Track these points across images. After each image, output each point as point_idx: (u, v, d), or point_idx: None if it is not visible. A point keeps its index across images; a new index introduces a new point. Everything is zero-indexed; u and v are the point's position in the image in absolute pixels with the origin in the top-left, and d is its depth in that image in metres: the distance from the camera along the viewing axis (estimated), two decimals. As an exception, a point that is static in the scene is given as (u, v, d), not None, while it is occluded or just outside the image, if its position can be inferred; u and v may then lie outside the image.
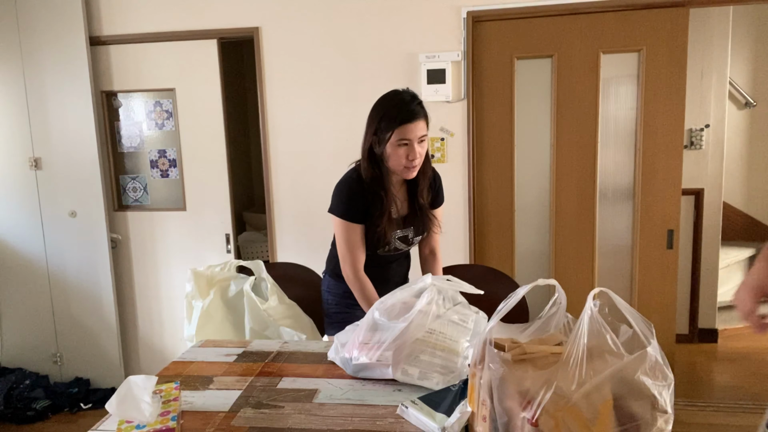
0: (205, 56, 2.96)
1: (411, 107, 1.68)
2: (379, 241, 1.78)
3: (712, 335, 3.63)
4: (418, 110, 1.69)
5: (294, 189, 2.98)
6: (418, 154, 1.69)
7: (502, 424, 0.97)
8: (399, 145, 1.69)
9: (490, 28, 2.76)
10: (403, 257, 2.00)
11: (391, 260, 1.94)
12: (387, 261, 1.93)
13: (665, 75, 2.67)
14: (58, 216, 3.10)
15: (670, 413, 0.94)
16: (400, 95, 1.73)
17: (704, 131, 3.51)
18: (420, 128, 1.69)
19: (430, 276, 1.44)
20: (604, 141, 2.79)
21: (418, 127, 1.68)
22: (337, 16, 2.83)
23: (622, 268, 2.87)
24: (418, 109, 1.69)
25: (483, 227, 2.90)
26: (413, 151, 1.69)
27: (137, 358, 3.29)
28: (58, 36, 2.94)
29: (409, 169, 1.72)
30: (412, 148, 1.69)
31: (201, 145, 3.05)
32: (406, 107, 1.68)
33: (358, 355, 1.37)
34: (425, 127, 1.71)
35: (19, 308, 3.22)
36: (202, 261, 3.13)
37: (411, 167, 1.72)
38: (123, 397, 1.13)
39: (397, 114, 1.67)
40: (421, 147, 1.71)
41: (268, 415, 1.23)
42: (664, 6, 2.62)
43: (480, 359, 1.03)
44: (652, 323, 1.00)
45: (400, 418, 1.19)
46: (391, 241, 1.81)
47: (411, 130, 1.67)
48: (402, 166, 1.72)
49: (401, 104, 1.69)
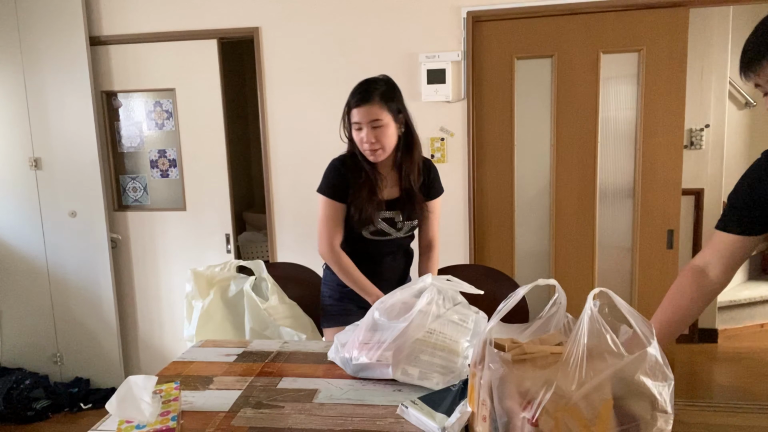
0: (205, 56, 2.96)
1: (363, 90, 1.72)
2: (361, 218, 1.80)
3: (712, 335, 3.63)
4: (370, 95, 1.71)
5: (294, 189, 2.98)
6: (373, 137, 1.72)
7: (502, 424, 0.97)
8: (355, 129, 1.76)
9: (490, 28, 2.76)
10: (398, 251, 1.97)
11: (384, 251, 1.92)
12: (378, 251, 1.90)
13: (665, 75, 2.67)
14: (58, 216, 3.10)
15: (670, 413, 0.94)
16: (366, 79, 1.77)
17: (704, 131, 3.51)
18: (371, 112, 1.71)
19: (430, 276, 1.44)
20: (604, 141, 2.79)
21: (370, 111, 1.71)
22: (337, 16, 2.83)
23: (622, 268, 2.87)
24: (370, 94, 1.71)
25: (483, 227, 2.90)
26: (366, 135, 1.73)
27: (137, 358, 3.29)
28: (58, 36, 2.94)
29: (370, 152, 1.75)
30: (365, 132, 1.73)
31: (201, 145, 3.05)
32: (359, 90, 1.74)
33: (358, 355, 1.37)
34: (379, 111, 1.72)
35: (19, 308, 3.22)
36: (202, 261, 3.12)
37: (369, 150, 1.75)
38: (123, 397, 1.13)
39: (352, 96, 1.75)
40: (379, 132, 1.73)
41: (268, 415, 1.23)
42: (664, 6, 2.62)
43: (480, 359, 1.03)
44: (652, 323, 1.00)
45: (400, 418, 1.19)
46: (374, 220, 1.81)
47: (361, 114, 1.72)
48: (363, 150, 1.77)
49: (357, 88, 1.75)
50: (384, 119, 1.73)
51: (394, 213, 1.85)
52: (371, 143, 1.73)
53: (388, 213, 1.84)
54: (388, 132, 1.75)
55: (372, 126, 1.72)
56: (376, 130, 1.73)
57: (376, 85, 1.74)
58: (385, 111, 1.73)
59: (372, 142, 1.73)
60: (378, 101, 1.72)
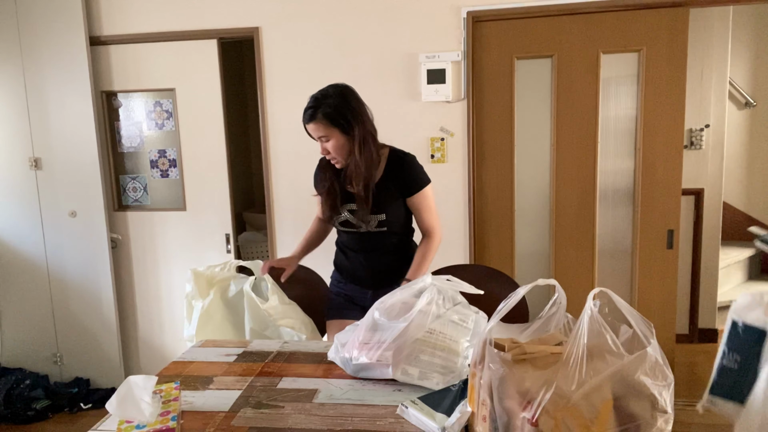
0: (205, 56, 2.96)
1: (309, 108, 1.84)
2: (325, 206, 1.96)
3: (712, 335, 3.63)
4: (316, 112, 1.81)
5: (294, 189, 2.98)
6: (324, 150, 1.87)
7: (502, 424, 0.97)
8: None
9: (490, 28, 2.76)
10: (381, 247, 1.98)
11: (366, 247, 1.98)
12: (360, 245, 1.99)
13: (665, 75, 2.67)
14: (58, 216, 3.10)
15: (670, 413, 0.94)
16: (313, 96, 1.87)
17: (704, 131, 3.51)
18: (316, 129, 1.83)
19: (430, 276, 1.45)
20: (604, 141, 2.79)
21: (316, 128, 1.83)
22: (337, 15, 2.83)
23: (622, 268, 2.87)
24: (316, 112, 1.82)
25: (483, 227, 2.90)
26: (321, 147, 1.88)
27: (137, 358, 3.29)
28: (58, 36, 2.94)
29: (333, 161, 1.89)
30: (320, 145, 1.87)
31: (201, 145, 3.05)
32: (306, 108, 1.85)
33: (358, 355, 1.37)
34: (324, 128, 1.82)
35: (19, 308, 3.22)
36: (202, 261, 3.13)
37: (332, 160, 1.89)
38: (123, 397, 1.13)
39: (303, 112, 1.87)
40: (330, 145, 1.84)
41: (268, 415, 1.23)
42: (664, 6, 2.62)
43: (480, 359, 1.03)
44: (652, 323, 1.00)
45: (400, 418, 1.19)
46: (339, 211, 1.94)
47: (310, 130, 1.86)
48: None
49: (307, 105, 1.86)
50: (330, 134, 1.83)
51: (357, 205, 1.90)
52: (327, 154, 1.88)
53: (350, 205, 1.93)
54: (338, 144, 1.84)
55: (322, 140, 1.85)
56: (327, 143, 1.85)
57: (323, 101, 1.82)
58: (330, 127, 1.82)
59: (327, 153, 1.88)
60: (322, 120, 1.82)
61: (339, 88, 1.87)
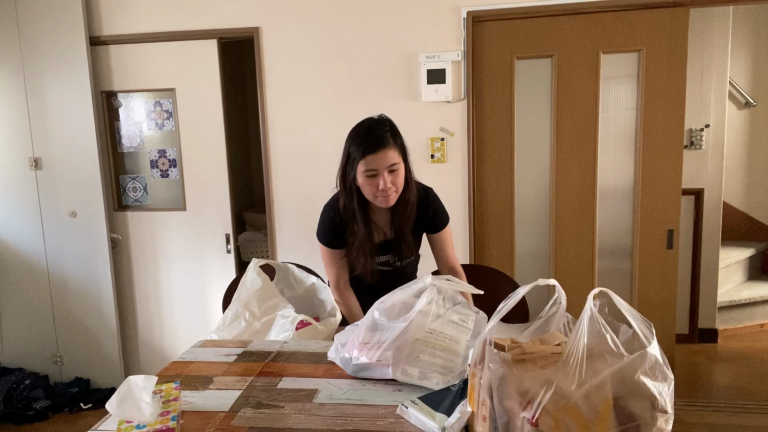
0: (205, 56, 2.96)
1: (375, 136, 1.64)
2: (355, 267, 1.80)
3: (712, 335, 3.63)
4: (384, 139, 1.63)
5: (294, 189, 2.98)
6: (389, 182, 1.65)
7: (502, 424, 0.97)
8: (368, 175, 1.65)
9: (490, 28, 2.76)
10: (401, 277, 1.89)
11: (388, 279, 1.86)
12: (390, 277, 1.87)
13: (665, 75, 2.67)
14: (58, 216, 3.10)
15: (670, 413, 0.94)
16: (368, 123, 1.69)
17: (704, 131, 3.51)
18: (388, 157, 1.64)
19: (430, 276, 1.44)
20: (604, 141, 2.79)
21: (386, 156, 1.63)
22: (337, 16, 2.83)
23: (622, 268, 2.87)
24: (384, 139, 1.63)
25: (483, 227, 2.90)
26: (383, 181, 1.64)
27: (137, 358, 3.29)
28: (58, 36, 2.94)
29: (384, 198, 1.68)
30: (381, 178, 1.64)
31: (201, 145, 3.05)
32: (371, 137, 1.64)
33: (358, 355, 1.37)
34: (395, 155, 1.65)
35: (19, 308, 3.22)
36: (202, 261, 3.13)
37: (383, 196, 1.67)
38: (123, 397, 1.13)
39: (361, 144, 1.64)
40: (394, 175, 1.66)
41: (268, 415, 1.23)
42: (664, 6, 2.62)
43: (480, 359, 1.03)
44: (652, 323, 1.00)
45: (400, 418, 1.19)
46: (369, 268, 1.79)
47: (377, 160, 1.63)
48: (374, 196, 1.68)
49: (367, 133, 1.66)
50: (399, 161, 1.67)
51: (389, 257, 1.84)
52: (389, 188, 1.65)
53: (383, 257, 1.84)
54: (401, 173, 1.68)
55: (389, 170, 1.65)
56: (392, 174, 1.65)
57: (384, 128, 1.66)
58: (398, 152, 1.67)
59: (389, 187, 1.65)
60: (392, 143, 1.64)
61: (383, 116, 1.72)
